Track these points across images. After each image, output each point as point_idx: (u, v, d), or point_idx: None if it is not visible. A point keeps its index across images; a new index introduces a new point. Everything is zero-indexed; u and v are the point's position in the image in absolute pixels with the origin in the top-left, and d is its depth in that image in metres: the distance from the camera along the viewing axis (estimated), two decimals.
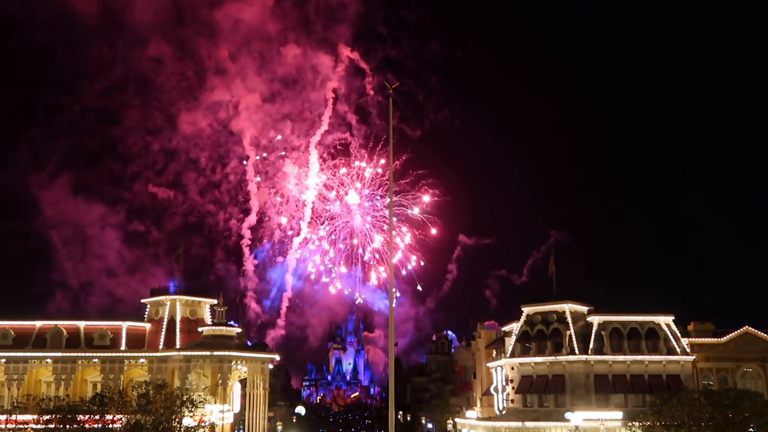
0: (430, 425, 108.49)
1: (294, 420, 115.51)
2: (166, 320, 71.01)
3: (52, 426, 57.96)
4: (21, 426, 63.21)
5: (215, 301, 73.69)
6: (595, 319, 67.99)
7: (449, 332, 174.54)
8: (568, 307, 68.61)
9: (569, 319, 67.88)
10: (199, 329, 70.80)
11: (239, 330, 77.21)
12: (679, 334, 68.21)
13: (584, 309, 69.65)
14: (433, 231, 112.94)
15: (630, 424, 61.47)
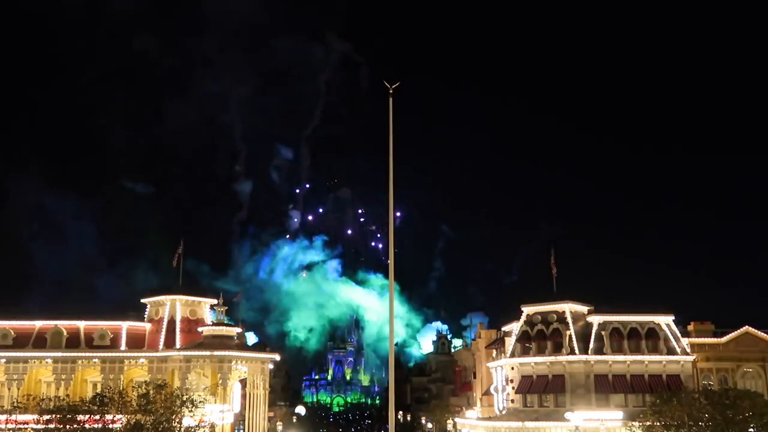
0: (430, 425, 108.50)
1: (294, 420, 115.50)
2: (166, 320, 70.96)
3: (52, 426, 57.87)
4: (21, 426, 63.18)
5: (215, 301, 73.68)
6: (595, 319, 67.98)
7: (439, 322, 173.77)
8: (568, 307, 68.59)
9: (569, 319, 67.86)
10: (199, 329, 70.80)
11: (239, 330, 77.16)
12: (679, 334, 68.21)
13: (584, 309, 69.64)
14: None
15: (630, 424, 61.44)
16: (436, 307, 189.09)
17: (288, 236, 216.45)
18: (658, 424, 58.32)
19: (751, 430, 57.01)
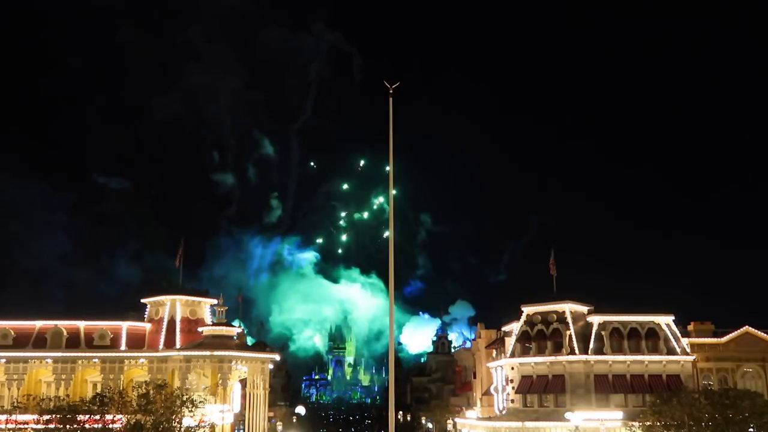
0: (430, 425, 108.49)
1: (294, 420, 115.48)
2: (166, 320, 70.96)
3: (52, 426, 57.94)
4: (21, 426, 63.17)
5: (215, 301, 73.70)
6: (595, 319, 67.96)
7: (426, 313, 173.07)
8: (568, 307, 68.56)
9: (569, 319, 67.83)
10: (199, 329, 70.80)
11: (239, 330, 77.13)
12: (679, 334, 68.18)
13: (584, 309, 69.62)
14: None
15: (630, 424, 61.45)
16: (421, 305, 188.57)
17: (269, 232, 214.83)
18: (658, 424, 58.34)
19: (751, 430, 57.03)
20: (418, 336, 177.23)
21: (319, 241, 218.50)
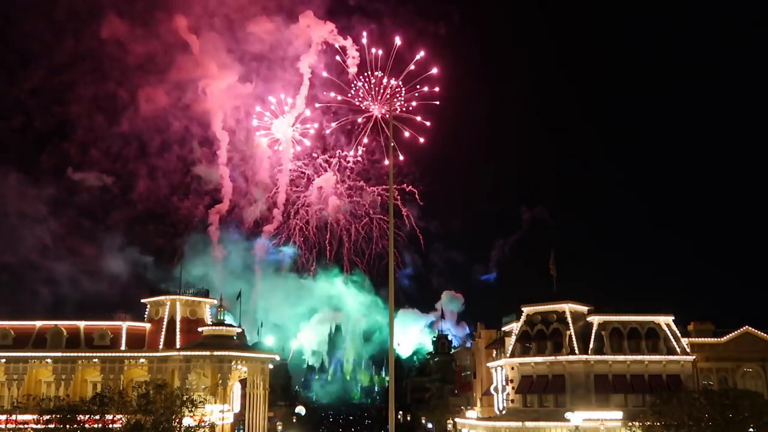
0: (430, 425, 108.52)
1: (294, 420, 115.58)
2: (166, 320, 71.02)
3: (52, 426, 58.00)
4: (21, 426, 63.24)
5: (215, 301, 73.76)
6: (595, 319, 67.98)
7: (416, 309, 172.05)
8: (568, 307, 68.58)
9: (569, 319, 67.86)
10: (199, 329, 70.83)
11: (239, 330, 77.13)
12: (679, 334, 68.20)
13: (584, 309, 69.64)
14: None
15: (630, 424, 61.48)
16: (409, 302, 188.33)
17: (255, 229, 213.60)
18: (658, 424, 58.36)
19: (751, 430, 57.04)
20: (408, 334, 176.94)
21: (305, 238, 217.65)
